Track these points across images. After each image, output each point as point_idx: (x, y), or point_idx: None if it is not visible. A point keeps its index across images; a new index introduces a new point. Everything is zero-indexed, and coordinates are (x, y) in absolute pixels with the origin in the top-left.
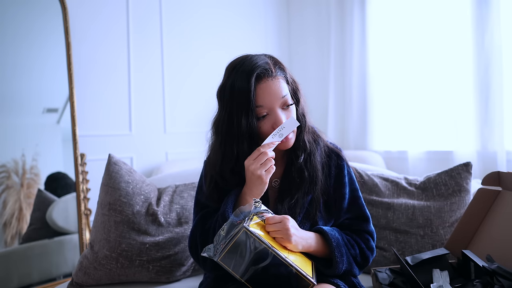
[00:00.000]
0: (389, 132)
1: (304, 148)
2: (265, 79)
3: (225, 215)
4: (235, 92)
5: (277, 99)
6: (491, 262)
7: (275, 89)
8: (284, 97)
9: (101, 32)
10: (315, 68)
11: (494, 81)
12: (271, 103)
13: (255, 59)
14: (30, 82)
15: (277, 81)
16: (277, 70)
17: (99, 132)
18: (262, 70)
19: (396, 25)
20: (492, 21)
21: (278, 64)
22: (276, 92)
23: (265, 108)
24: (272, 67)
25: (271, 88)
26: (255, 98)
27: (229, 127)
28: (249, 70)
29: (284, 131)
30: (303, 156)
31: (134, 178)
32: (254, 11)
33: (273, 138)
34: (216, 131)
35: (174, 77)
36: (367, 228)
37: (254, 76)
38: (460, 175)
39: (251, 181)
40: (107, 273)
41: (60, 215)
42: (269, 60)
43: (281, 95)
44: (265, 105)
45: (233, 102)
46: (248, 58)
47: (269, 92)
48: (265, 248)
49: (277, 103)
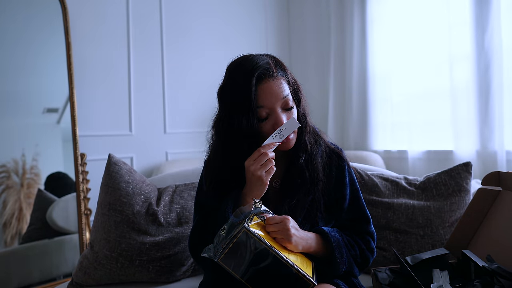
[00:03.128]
0: (389, 132)
1: (305, 148)
2: (266, 80)
3: (225, 215)
4: (235, 92)
5: (278, 100)
6: (491, 262)
7: (276, 90)
8: (285, 98)
9: (101, 32)
10: (315, 68)
11: (494, 81)
12: (272, 103)
13: (256, 59)
14: (30, 82)
15: (278, 82)
16: (278, 71)
17: (99, 132)
18: (263, 71)
19: (396, 25)
20: (492, 21)
21: (279, 64)
22: (277, 92)
23: (266, 108)
24: (273, 67)
25: (272, 88)
26: (256, 98)
27: (229, 127)
28: (249, 70)
29: (285, 132)
30: (304, 156)
31: (134, 178)
32: (254, 11)
33: (273, 138)
34: (217, 131)
35: (174, 77)
36: (367, 229)
37: (255, 76)
38: (460, 175)
39: (251, 182)
40: (107, 273)
41: (60, 215)
42: (270, 60)
43: (282, 95)
44: (266, 105)
45: (234, 103)
46: (249, 58)
47: (270, 93)
48: (265, 248)
49: (278, 104)
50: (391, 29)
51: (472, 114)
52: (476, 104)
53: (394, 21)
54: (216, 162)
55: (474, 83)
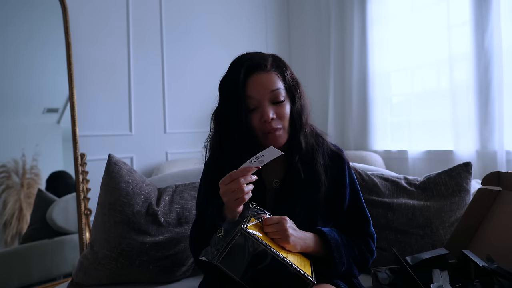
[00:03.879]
0: (389, 132)
1: (299, 148)
2: (257, 72)
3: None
4: (228, 82)
5: (266, 92)
6: (491, 262)
7: (265, 82)
8: (274, 91)
9: (101, 32)
10: (315, 68)
11: (494, 81)
12: (259, 94)
13: (254, 54)
14: (30, 82)
15: (269, 75)
16: (273, 67)
17: (99, 132)
18: (254, 63)
19: (396, 25)
20: (492, 21)
21: (278, 62)
22: (266, 85)
23: (254, 99)
24: (268, 63)
25: (261, 80)
26: (245, 89)
27: (223, 117)
28: (242, 62)
29: (265, 158)
30: (298, 156)
31: (134, 178)
32: (255, 11)
33: (251, 163)
34: (214, 122)
35: (174, 77)
36: (367, 230)
37: (245, 67)
38: (460, 175)
39: (225, 203)
40: (107, 273)
41: (60, 215)
42: (269, 58)
43: (271, 88)
44: (254, 96)
45: (227, 92)
46: (248, 53)
47: (258, 84)
48: (263, 249)
49: (266, 96)
50: (391, 29)
51: (472, 114)
52: (476, 104)
53: (394, 21)
54: (214, 154)
55: (474, 83)
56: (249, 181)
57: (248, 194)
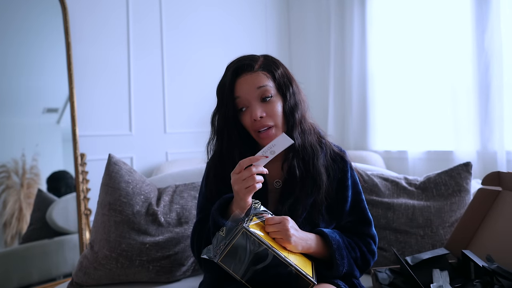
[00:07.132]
0: (389, 132)
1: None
2: (244, 74)
3: (216, 221)
4: (219, 85)
5: (252, 89)
6: (491, 262)
7: (251, 81)
8: (260, 88)
9: (101, 32)
10: (315, 68)
11: (494, 81)
12: (245, 93)
13: (245, 57)
14: (30, 82)
15: (256, 75)
16: (262, 67)
17: (99, 132)
18: (241, 65)
19: (396, 25)
20: (492, 21)
21: (268, 61)
22: (252, 83)
23: (242, 98)
24: (257, 64)
25: (247, 80)
26: (233, 90)
27: (219, 119)
28: (231, 65)
29: (276, 148)
30: (292, 152)
31: (134, 178)
32: (255, 11)
33: (264, 153)
34: (212, 124)
35: (174, 77)
36: (368, 231)
37: (232, 69)
38: (460, 175)
39: (234, 194)
40: (107, 273)
41: (60, 215)
42: (259, 58)
43: (257, 85)
44: (241, 96)
45: (219, 95)
46: (240, 57)
47: (244, 84)
48: (265, 248)
49: (253, 94)
50: (391, 29)
51: (472, 114)
52: (476, 104)
53: (394, 21)
54: (215, 156)
55: (474, 83)
56: (261, 172)
57: (259, 183)
